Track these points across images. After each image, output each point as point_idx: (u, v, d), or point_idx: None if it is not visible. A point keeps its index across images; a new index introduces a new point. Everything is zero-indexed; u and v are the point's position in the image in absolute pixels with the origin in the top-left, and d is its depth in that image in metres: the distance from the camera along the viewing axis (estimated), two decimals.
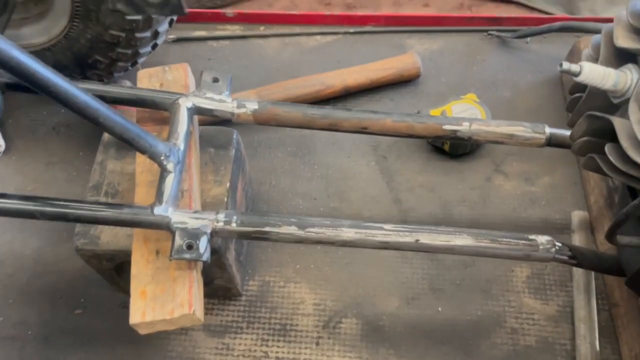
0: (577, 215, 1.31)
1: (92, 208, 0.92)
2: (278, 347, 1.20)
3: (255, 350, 1.20)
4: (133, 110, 1.14)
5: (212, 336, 1.22)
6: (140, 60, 1.45)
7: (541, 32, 1.56)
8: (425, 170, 1.43)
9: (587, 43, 1.41)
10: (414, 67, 1.55)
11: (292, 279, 1.29)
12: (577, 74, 0.71)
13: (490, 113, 1.41)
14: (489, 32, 1.65)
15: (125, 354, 1.21)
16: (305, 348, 1.20)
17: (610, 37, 0.77)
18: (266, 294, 1.27)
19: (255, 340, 1.21)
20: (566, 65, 0.71)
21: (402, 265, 1.29)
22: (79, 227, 1.05)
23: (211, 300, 1.25)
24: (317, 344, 1.20)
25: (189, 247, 0.92)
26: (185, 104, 1.04)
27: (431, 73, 1.60)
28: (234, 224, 0.94)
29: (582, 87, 0.82)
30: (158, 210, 0.92)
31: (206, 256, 0.92)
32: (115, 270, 1.12)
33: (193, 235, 0.92)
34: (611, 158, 0.72)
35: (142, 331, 0.92)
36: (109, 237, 1.03)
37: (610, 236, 0.81)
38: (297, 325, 1.23)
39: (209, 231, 0.93)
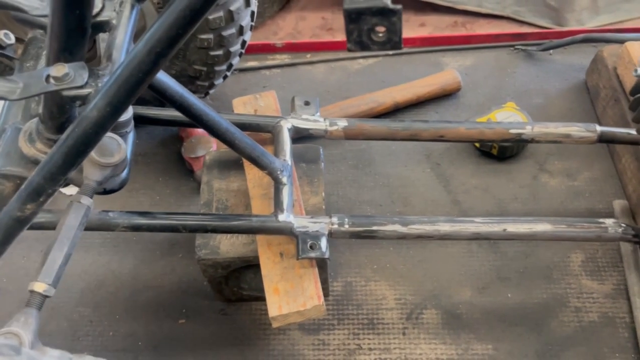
0: (619, 204, 1.48)
1: (226, 220, 1.05)
2: (369, 339, 1.33)
3: (348, 344, 1.33)
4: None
5: (308, 334, 1.34)
6: (212, 91, 1.60)
7: (565, 44, 1.74)
8: (477, 173, 1.58)
9: (610, 52, 1.60)
10: (455, 81, 1.71)
11: (371, 278, 1.42)
12: None
13: (531, 118, 1.57)
14: (516, 46, 1.83)
15: (230, 356, 1.32)
16: (394, 338, 1.33)
17: None
18: (350, 293, 1.40)
19: (347, 334, 1.34)
20: (639, 69, 0.88)
21: (469, 259, 1.44)
22: (199, 240, 1.17)
23: None
24: (404, 334, 1.34)
25: (312, 247, 1.05)
26: (286, 125, 1.19)
27: (469, 86, 1.77)
28: (346, 225, 1.08)
29: None
30: (282, 217, 1.06)
31: (327, 254, 1.05)
32: (224, 278, 1.25)
33: (314, 237, 1.06)
34: None
35: (276, 324, 1.05)
36: (227, 247, 1.16)
37: None
38: (383, 318, 1.36)
39: (326, 232, 1.07)
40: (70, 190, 1.56)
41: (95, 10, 0.82)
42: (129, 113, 0.99)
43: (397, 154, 1.64)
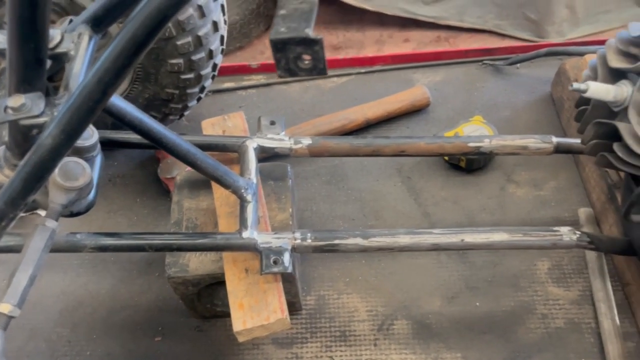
0: (583, 212, 1.51)
1: (191, 238, 1.09)
2: (341, 351, 1.36)
3: (321, 356, 1.35)
4: None
5: (281, 348, 1.37)
6: (186, 113, 1.64)
7: (530, 57, 1.80)
8: (447, 185, 1.62)
9: (572, 65, 1.65)
10: (424, 97, 1.76)
11: (344, 291, 1.45)
12: (585, 91, 0.92)
13: (497, 131, 1.62)
14: (484, 61, 1.89)
15: None
16: (365, 349, 1.36)
17: (604, 59, 0.98)
18: (323, 307, 1.43)
19: (320, 347, 1.37)
20: (576, 85, 0.92)
21: (439, 269, 1.47)
22: (169, 258, 1.21)
23: None
24: (375, 344, 1.36)
25: (275, 262, 1.09)
26: (251, 144, 1.23)
27: (438, 101, 1.81)
28: (309, 240, 1.12)
29: (586, 101, 1.03)
30: (245, 234, 1.10)
31: (290, 268, 1.09)
32: (196, 295, 1.28)
33: (277, 252, 1.09)
34: (619, 154, 0.93)
35: (242, 339, 1.08)
36: (196, 264, 1.19)
37: (626, 215, 1.00)
38: (354, 330, 1.39)
39: (289, 248, 1.10)
40: None
41: (54, 42, 0.87)
42: (93, 138, 1.03)
43: (369, 169, 1.68)
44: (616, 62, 0.96)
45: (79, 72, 0.86)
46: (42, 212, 1.53)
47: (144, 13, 0.67)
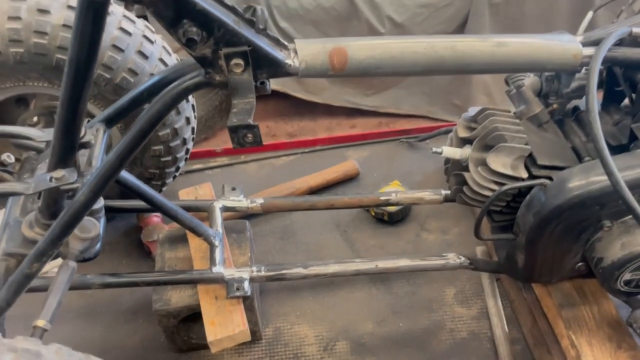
0: (479, 249, 1.95)
1: (174, 274, 1.45)
2: None
3: None
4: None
5: None
6: (164, 188, 2.04)
7: (434, 135, 2.31)
8: (375, 235, 2.04)
9: None
10: (354, 169, 2.23)
11: (295, 323, 1.81)
12: (441, 153, 1.38)
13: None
14: (400, 139, 2.38)
15: None
16: None
17: (456, 131, 1.46)
18: (279, 335, 1.77)
19: None
20: (434, 149, 1.38)
21: (370, 300, 1.85)
22: (154, 296, 1.55)
23: (242, 345, 1.73)
24: None
25: (238, 289, 1.46)
26: (217, 205, 1.63)
27: (366, 171, 2.28)
28: (263, 271, 1.50)
29: (448, 161, 1.49)
30: (215, 270, 1.47)
31: (249, 293, 1.46)
32: (176, 328, 1.62)
33: (239, 281, 1.47)
34: (467, 194, 1.37)
35: (214, 349, 1.42)
36: (176, 299, 1.54)
37: (476, 234, 1.43)
38: (305, 352, 1.73)
39: (248, 277, 1.48)
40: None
41: (81, 135, 1.28)
42: (100, 203, 1.41)
43: (314, 226, 2.09)
44: (462, 133, 1.43)
45: (98, 154, 1.27)
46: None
47: (147, 114, 1.10)
